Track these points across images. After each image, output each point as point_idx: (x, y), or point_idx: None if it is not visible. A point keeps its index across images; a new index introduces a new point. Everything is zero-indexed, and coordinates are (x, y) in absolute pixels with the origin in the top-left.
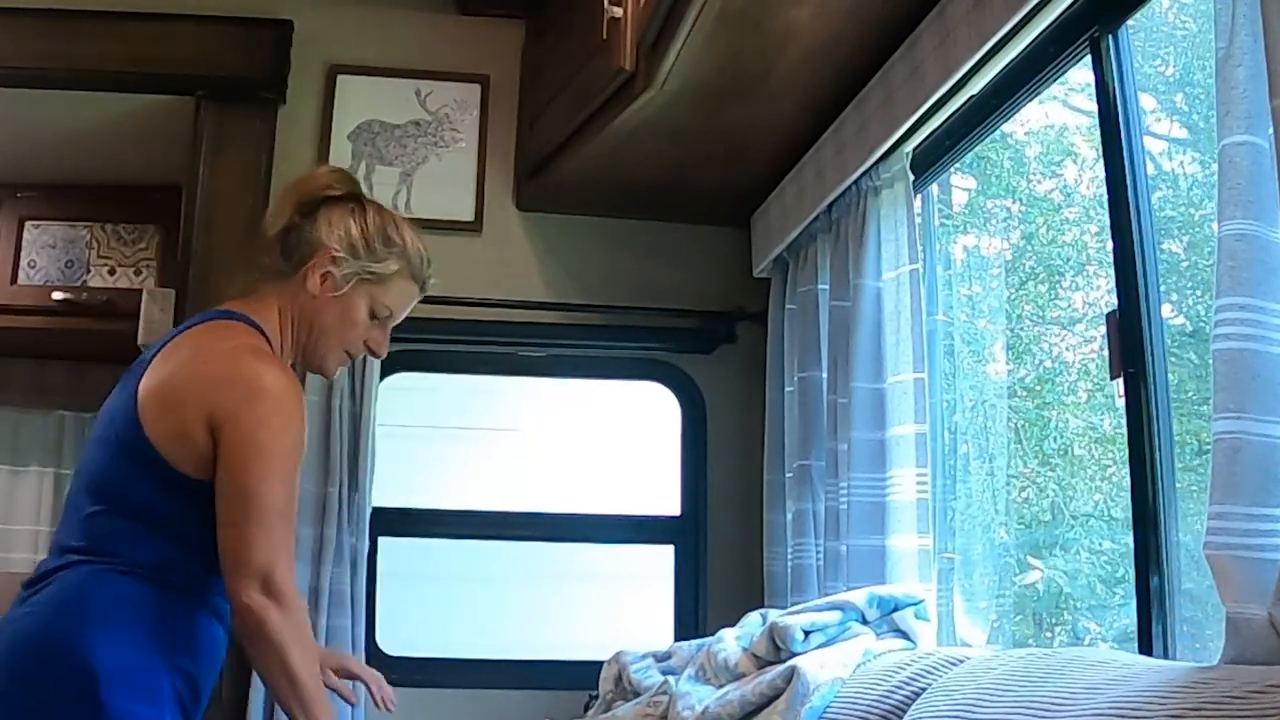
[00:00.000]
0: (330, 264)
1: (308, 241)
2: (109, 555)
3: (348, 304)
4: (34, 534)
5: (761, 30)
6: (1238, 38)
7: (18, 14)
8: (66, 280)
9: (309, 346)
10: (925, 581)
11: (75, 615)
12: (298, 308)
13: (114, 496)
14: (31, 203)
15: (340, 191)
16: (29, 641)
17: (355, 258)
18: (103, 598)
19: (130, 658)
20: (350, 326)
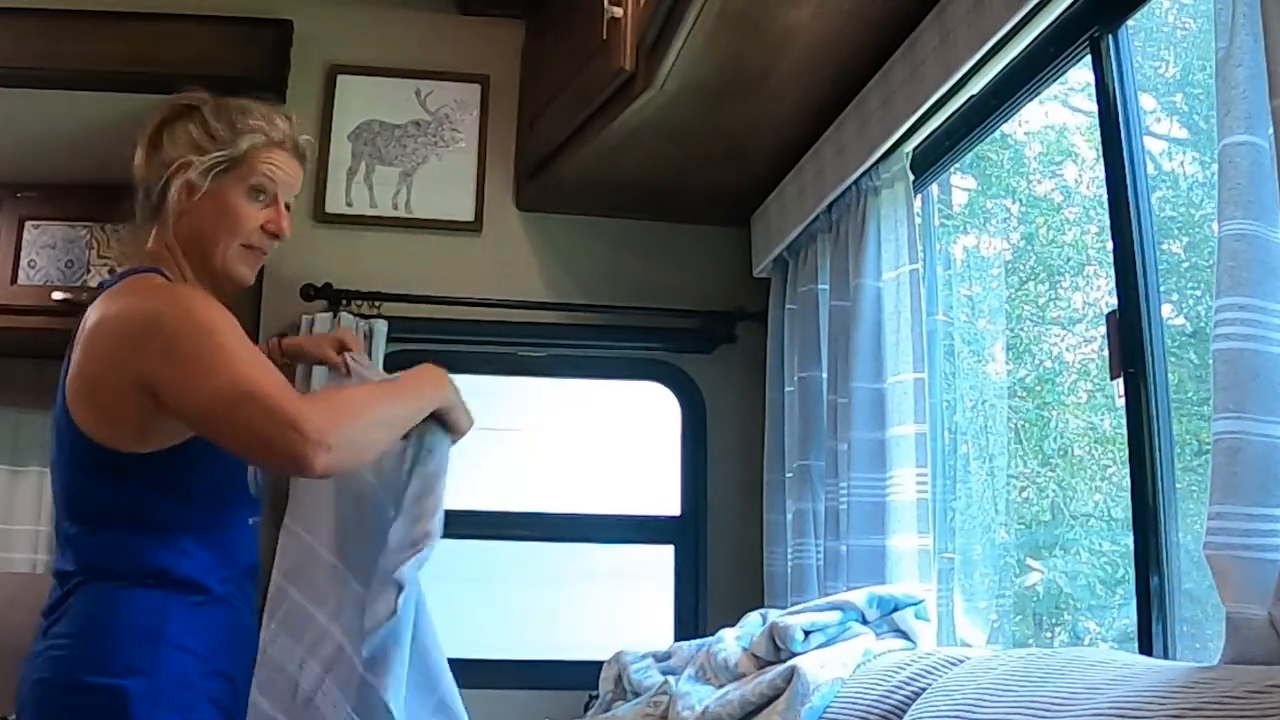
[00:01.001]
0: (183, 173)
1: (161, 168)
2: (105, 571)
3: (217, 199)
4: (34, 534)
5: (761, 30)
6: (1238, 38)
7: (18, 14)
8: (66, 280)
9: (206, 260)
10: (925, 581)
11: (97, 643)
12: (179, 233)
13: (86, 508)
14: (31, 203)
15: (169, 112)
16: (52, 683)
17: (204, 153)
18: (119, 618)
19: (159, 676)
20: (232, 219)
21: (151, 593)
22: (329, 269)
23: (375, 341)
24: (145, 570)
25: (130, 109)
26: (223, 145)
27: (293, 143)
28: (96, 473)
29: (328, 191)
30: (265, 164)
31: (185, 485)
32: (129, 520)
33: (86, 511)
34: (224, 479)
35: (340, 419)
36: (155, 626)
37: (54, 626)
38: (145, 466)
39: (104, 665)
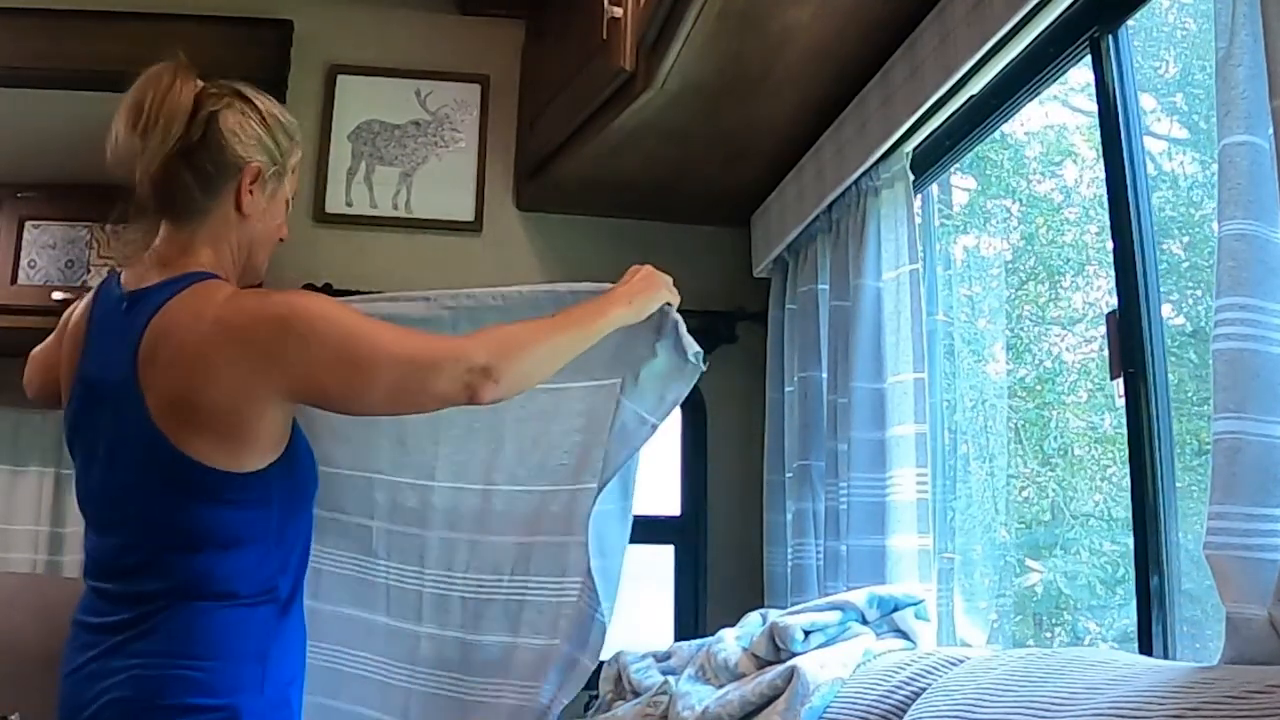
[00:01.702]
0: (259, 177)
1: (221, 164)
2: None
3: (275, 207)
4: (34, 534)
5: (761, 30)
6: (1238, 38)
7: (17, 14)
8: (66, 280)
9: (252, 262)
10: (925, 581)
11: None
12: (233, 233)
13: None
14: (31, 203)
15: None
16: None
17: (275, 161)
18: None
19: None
20: (277, 227)
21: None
22: (329, 269)
23: None
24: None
25: None
26: (285, 154)
27: None
28: (199, 496)
29: (328, 191)
30: (295, 181)
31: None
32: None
33: (174, 536)
34: (308, 487)
35: (509, 348)
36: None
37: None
38: (259, 482)
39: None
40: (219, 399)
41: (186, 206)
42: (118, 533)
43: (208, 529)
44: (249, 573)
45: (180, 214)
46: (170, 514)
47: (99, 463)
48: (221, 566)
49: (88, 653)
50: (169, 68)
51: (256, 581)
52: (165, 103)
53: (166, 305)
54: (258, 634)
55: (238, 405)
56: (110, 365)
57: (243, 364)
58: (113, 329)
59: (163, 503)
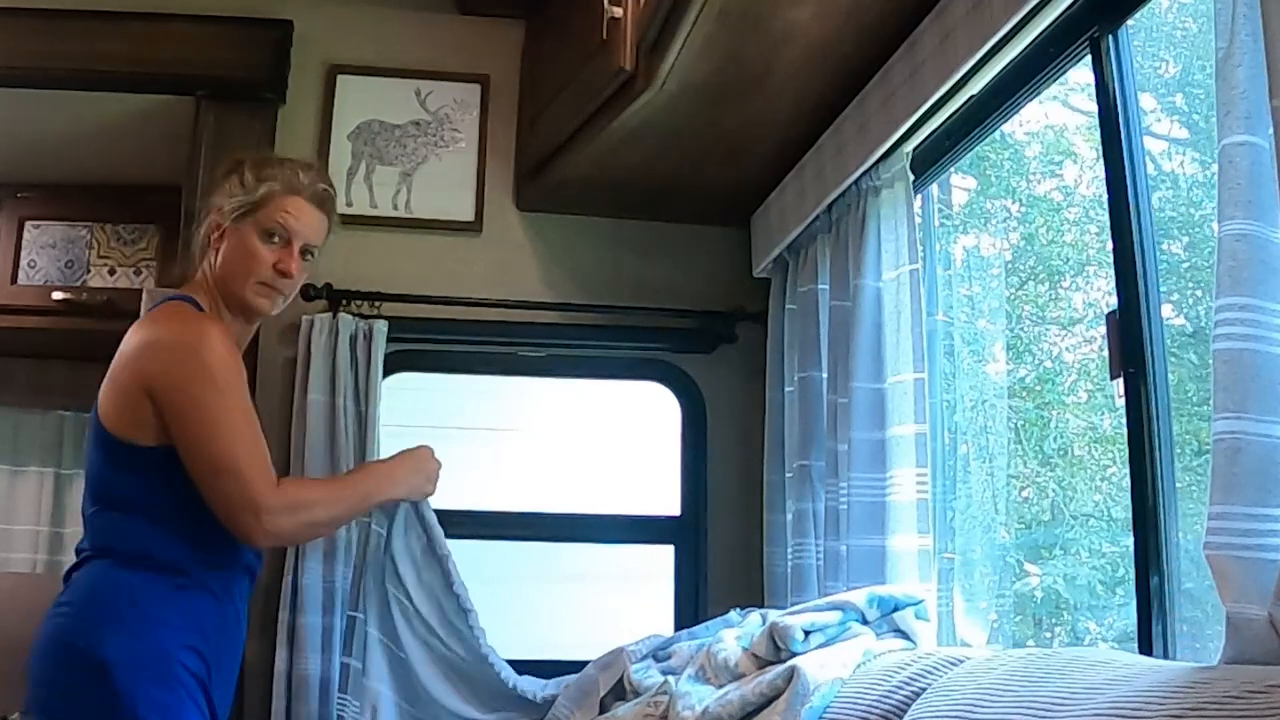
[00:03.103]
0: (214, 216)
1: (203, 211)
2: (107, 550)
3: (238, 240)
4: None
5: (761, 30)
6: (1238, 38)
7: (18, 14)
8: (66, 280)
9: (231, 293)
10: (925, 581)
11: (86, 612)
12: (211, 268)
13: (101, 492)
14: (31, 203)
15: (225, 166)
16: (51, 643)
17: (231, 197)
18: (107, 592)
19: (136, 644)
20: (249, 258)
21: (138, 573)
22: (328, 269)
23: (375, 342)
24: (135, 553)
25: (130, 109)
26: (246, 192)
27: (310, 191)
28: (111, 462)
29: None
30: (280, 210)
31: (181, 479)
32: (129, 505)
33: (100, 495)
34: None
35: (296, 515)
36: (138, 600)
37: (63, 596)
38: (148, 459)
39: (91, 632)
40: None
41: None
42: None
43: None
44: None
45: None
46: (97, 478)
47: None
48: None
49: None
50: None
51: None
52: None
53: (143, 318)
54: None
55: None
56: None
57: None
58: None
59: (95, 468)
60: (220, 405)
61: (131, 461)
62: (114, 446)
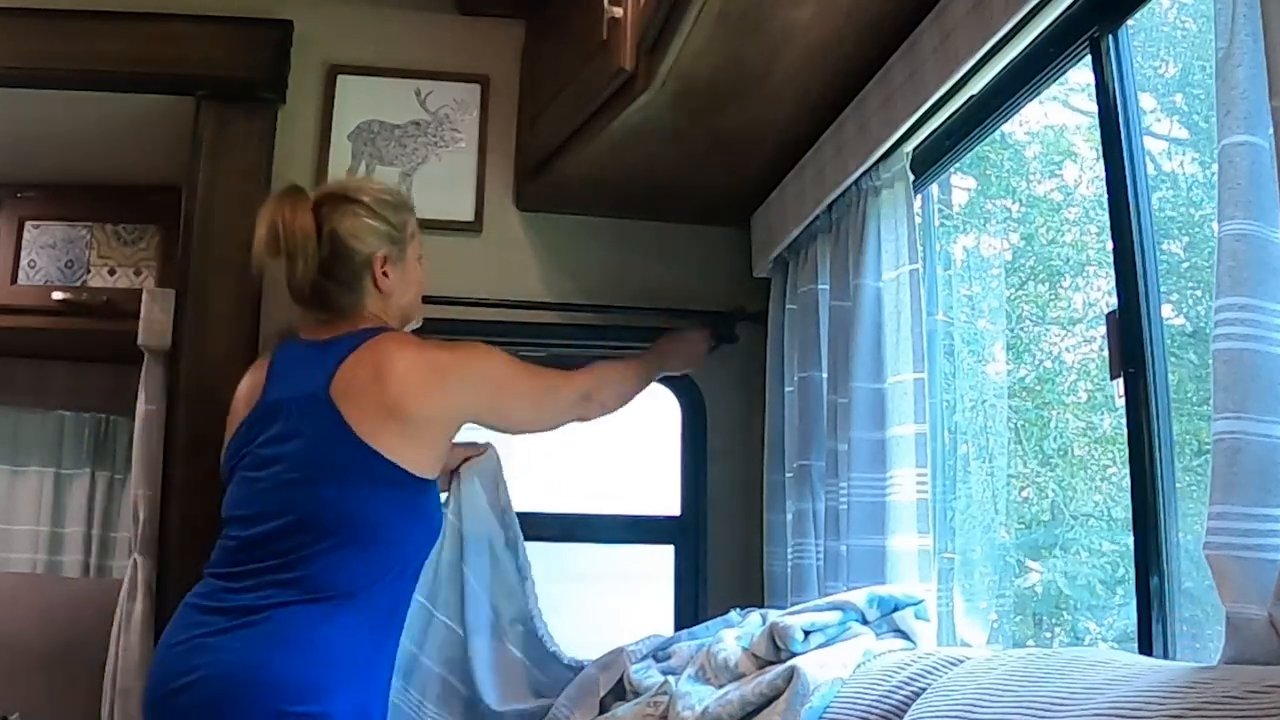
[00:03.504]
0: (386, 263)
1: (352, 265)
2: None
3: (410, 271)
4: (34, 534)
5: (761, 30)
6: (1238, 38)
7: (17, 14)
8: (66, 280)
9: (406, 316)
10: (925, 581)
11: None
12: (381, 304)
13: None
14: (31, 203)
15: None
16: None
17: (395, 242)
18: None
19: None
20: (417, 283)
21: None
22: None
23: None
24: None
25: (130, 109)
26: (401, 229)
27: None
28: (381, 484)
29: None
30: (417, 236)
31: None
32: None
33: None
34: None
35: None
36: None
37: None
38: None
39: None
40: (423, 413)
41: (341, 304)
42: (267, 523)
43: (369, 517)
44: (376, 575)
45: (340, 310)
46: (337, 501)
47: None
48: (356, 564)
49: (195, 630)
50: (287, 196)
51: (379, 587)
52: (295, 234)
53: (364, 344)
54: (359, 642)
55: (437, 418)
56: (299, 385)
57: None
58: (301, 363)
59: (334, 490)
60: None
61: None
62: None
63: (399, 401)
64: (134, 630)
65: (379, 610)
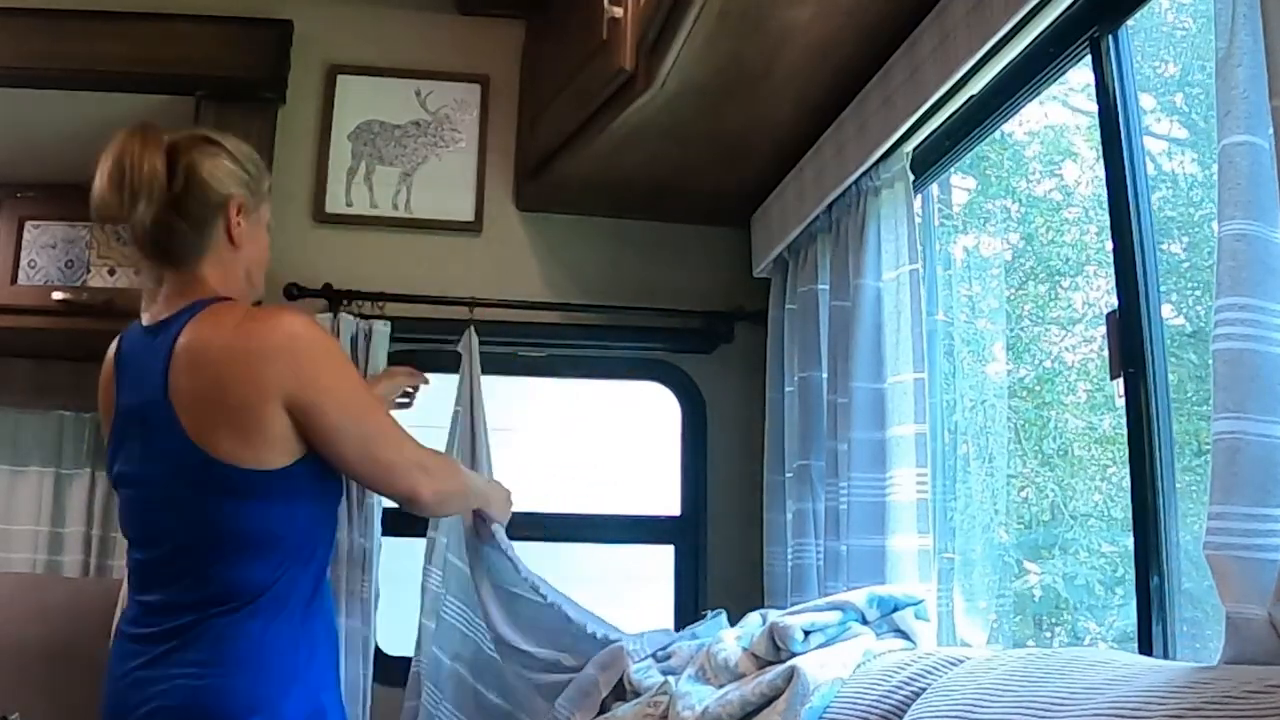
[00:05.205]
0: (239, 210)
1: (205, 204)
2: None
3: (260, 232)
4: (34, 534)
5: (761, 30)
6: (1238, 38)
7: (17, 14)
8: (66, 280)
9: (254, 283)
10: (925, 581)
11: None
12: (230, 262)
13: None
14: (31, 203)
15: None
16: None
17: (252, 193)
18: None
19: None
20: (265, 247)
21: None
22: (329, 269)
23: (376, 342)
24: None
25: (130, 109)
26: (259, 180)
27: None
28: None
29: (328, 192)
30: (269, 208)
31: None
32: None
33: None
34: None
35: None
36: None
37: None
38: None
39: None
40: (238, 398)
41: (185, 249)
42: (157, 546)
43: (240, 527)
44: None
45: (182, 257)
46: (205, 517)
47: (137, 481)
48: (253, 568)
49: (131, 661)
50: (139, 128)
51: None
52: (143, 170)
53: (185, 327)
54: (284, 641)
55: (252, 402)
56: (142, 390)
57: (256, 367)
58: (138, 361)
59: (197, 506)
60: (357, 380)
61: (266, 489)
62: (236, 477)
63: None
64: None
65: (294, 603)
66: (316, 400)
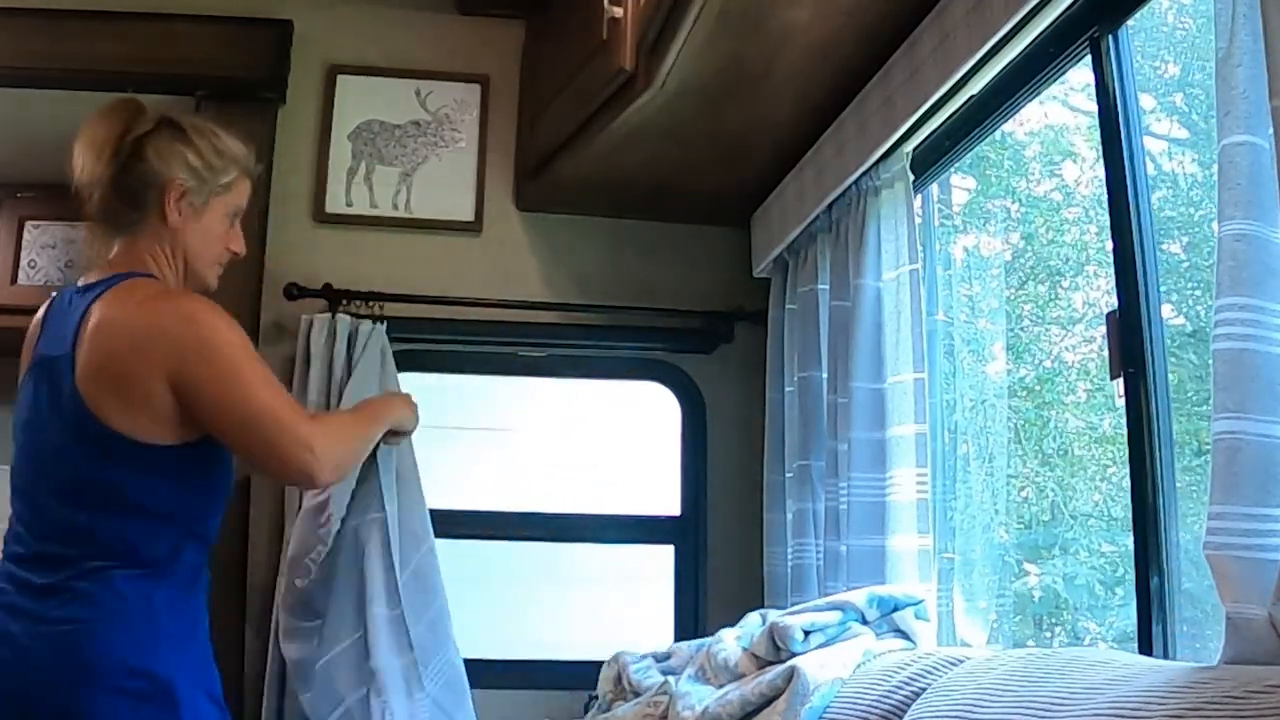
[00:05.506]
0: (179, 193)
1: (147, 182)
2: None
3: (208, 222)
4: None
5: (761, 30)
6: (1238, 38)
7: (17, 14)
8: (66, 280)
9: (191, 271)
10: (925, 581)
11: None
12: (165, 243)
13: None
14: (31, 203)
15: (150, 126)
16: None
17: (203, 181)
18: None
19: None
20: (215, 241)
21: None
22: (329, 269)
23: (374, 342)
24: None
25: None
26: (216, 175)
27: (254, 172)
28: (124, 464)
29: (328, 192)
30: (240, 194)
31: (190, 481)
32: (150, 511)
33: (105, 500)
34: (220, 483)
35: (340, 444)
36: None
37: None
38: (170, 459)
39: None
40: (123, 369)
41: (120, 219)
42: (44, 498)
43: (131, 496)
44: (168, 543)
45: (118, 227)
46: (94, 481)
47: (35, 428)
48: (143, 535)
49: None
50: (118, 100)
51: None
52: (98, 132)
53: (102, 295)
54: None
55: (138, 376)
56: (55, 344)
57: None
58: (61, 317)
59: (87, 469)
60: (246, 362)
61: (153, 464)
62: (126, 447)
63: (107, 361)
64: None
65: (182, 575)
66: (198, 385)
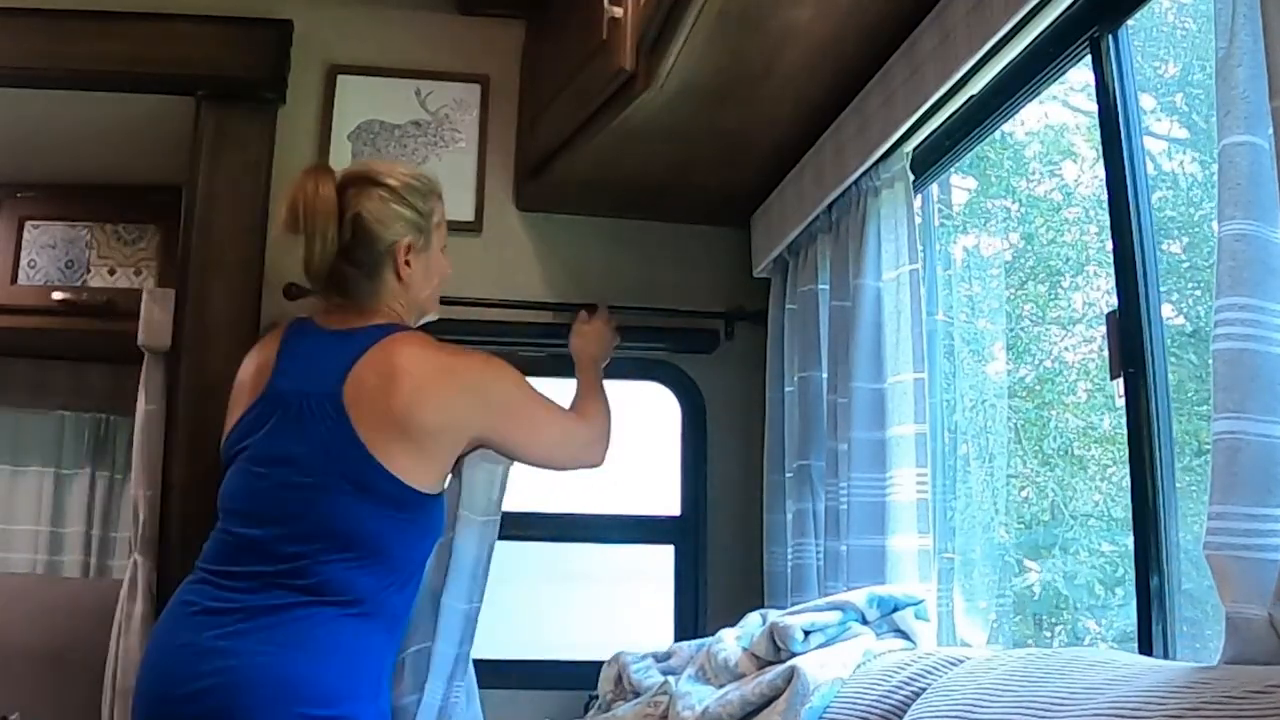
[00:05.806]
0: (409, 251)
1: (374, 252)
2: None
3: (434, 261)
4: (34, 534)
5: (761, 30)
6: (1238, 38)
7: (17, 14)
8: (66, 280)
9: (421, 308)
10: (925, 581)
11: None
12: (402, 293)
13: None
14: (31, 203)
15: (354, 193)
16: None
17: (420, 230)
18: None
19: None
20: (437, 274)
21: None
22: None
23: None
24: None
25: (130, 109)
26: (426, 217)
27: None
28: (384, 505)
29: None
30: (443, 217)
31: (433, 527)
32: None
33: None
34: (441, 523)
35: (606, 425)
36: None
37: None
38: (423, 503)
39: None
40: (431, 422)
41: (357, 290)
42: (273, 527)
43: (374, 533)
44: (383, 583)
45: (352, 295)
46: (348, 513)
47: (278, 461)
48: (364, 574)
49: (199, 632)
50: (311, 174)
51: (386, 595)
52: (316, 212)
53: (377, 344)
54: (375, 648)
55: (445, 428)
56: (312, 381)
57: (459, 399)
58: (312, 354)
59: (343, 503)
60: (537, 402)
61: (415, 509)
62: (399, 491)
63: (407, 413)
64: (134, 631)
65: (386, 618)
66: (504, 435)
